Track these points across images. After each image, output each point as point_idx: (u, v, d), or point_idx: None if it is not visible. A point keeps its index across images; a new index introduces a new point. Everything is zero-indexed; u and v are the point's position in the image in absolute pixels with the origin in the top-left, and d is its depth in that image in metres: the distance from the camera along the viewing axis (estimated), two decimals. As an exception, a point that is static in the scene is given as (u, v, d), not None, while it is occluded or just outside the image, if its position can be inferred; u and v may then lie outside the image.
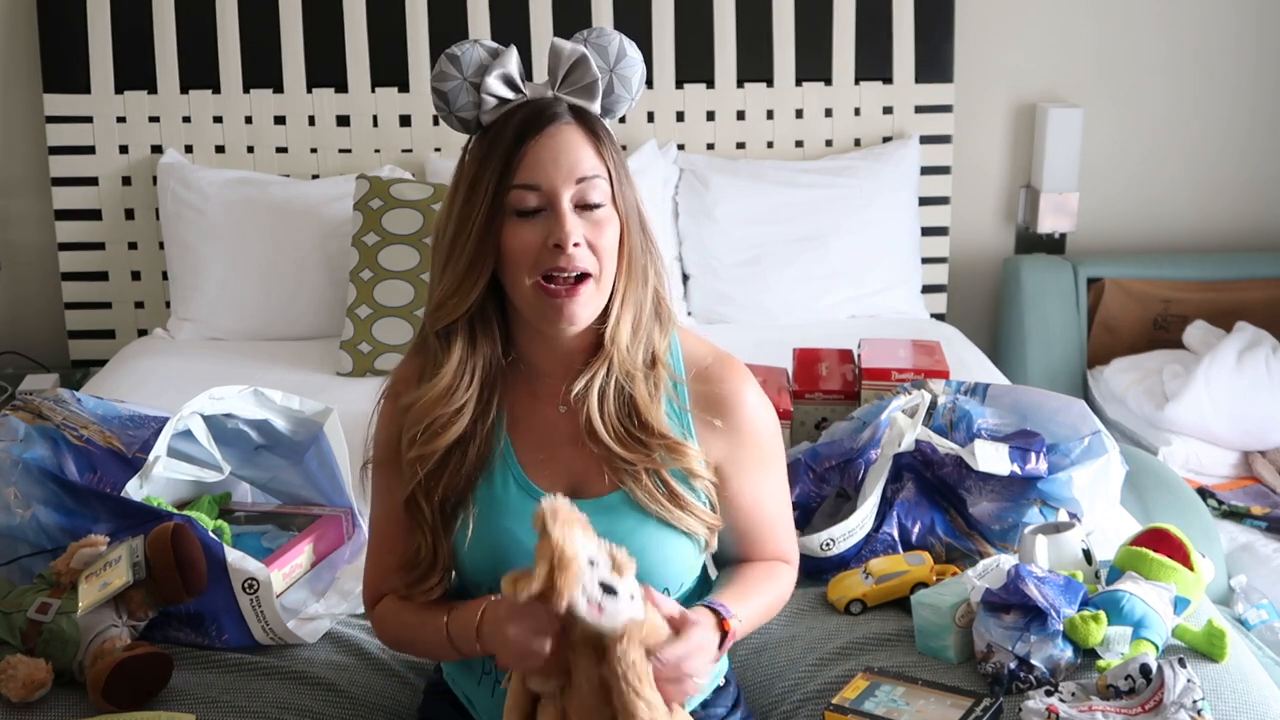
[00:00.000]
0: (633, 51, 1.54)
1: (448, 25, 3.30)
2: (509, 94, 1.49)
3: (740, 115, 3.41)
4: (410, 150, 3.37)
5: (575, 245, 1.45)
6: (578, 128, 1.49)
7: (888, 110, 3.42)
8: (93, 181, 3.35)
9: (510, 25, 3.28)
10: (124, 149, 3.34)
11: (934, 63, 3.40)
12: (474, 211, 1.47)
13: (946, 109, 3.43)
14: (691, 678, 1.39)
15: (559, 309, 1.47)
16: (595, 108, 1.51)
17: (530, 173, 1.46)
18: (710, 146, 3.42)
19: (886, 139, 3.43)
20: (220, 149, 3.35)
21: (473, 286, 1.49)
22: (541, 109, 1.48)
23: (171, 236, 3.25)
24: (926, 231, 3.45)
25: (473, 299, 1.49)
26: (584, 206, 1.47)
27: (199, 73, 3.31)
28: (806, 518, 2.00)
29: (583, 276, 1.47)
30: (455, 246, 1.49)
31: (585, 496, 1.51)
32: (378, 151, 3.37)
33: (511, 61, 1.50)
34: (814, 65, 3.39)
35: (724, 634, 1.47)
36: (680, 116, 3.40)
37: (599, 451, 1.51)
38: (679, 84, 3.39)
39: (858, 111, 3.42)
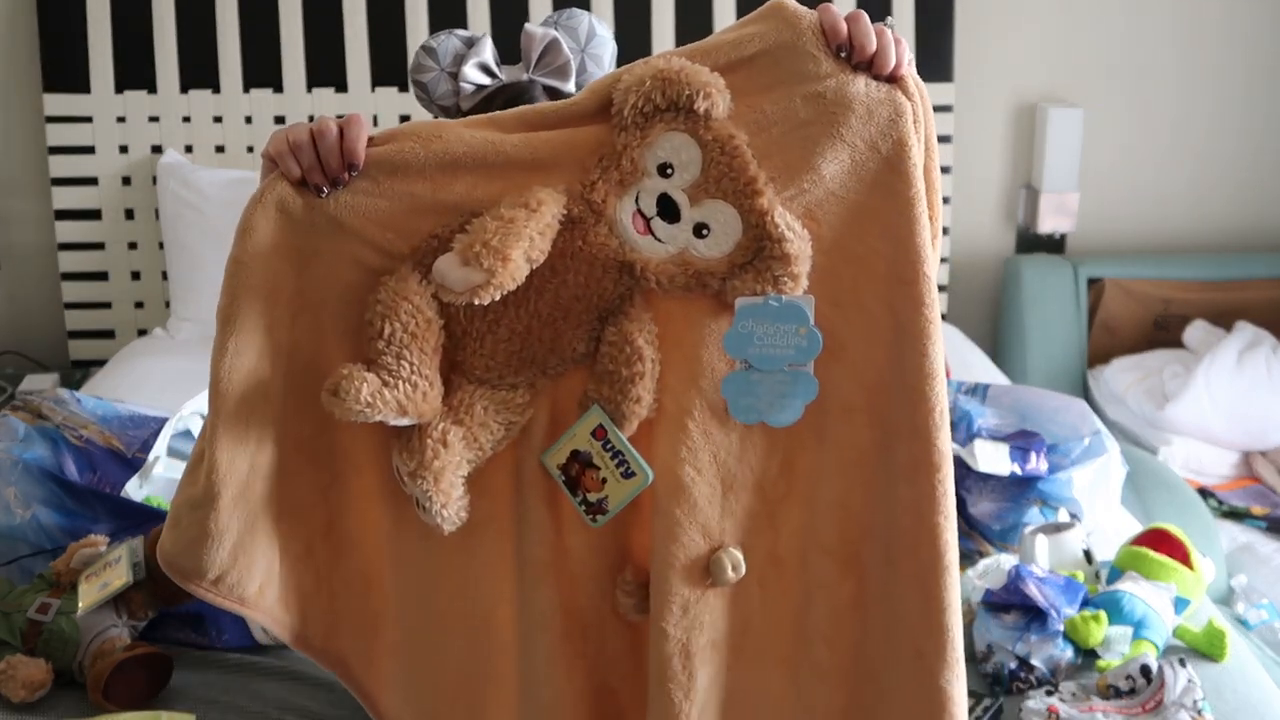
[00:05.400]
0: (602, 30, 1.58)
1: (448, 24, 3.30)
2: (486, 80, 1.53)
3: (740, 115, 3.41)
4: (410, 150, 3.37)
5: None
6: None
7: (888, 110, 3.42)
8: (93, 181, 3.35)
9: (510, 25, 3.27)
10: (124, 149, 3.33)
11: (934, 62, 3.39)
12: None
13: (946, 109, 3.42)
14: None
15: None
16: (570, 88, 1.55)
17: None
18: (710, 146, 3.42)
19: (886, 139, 3.43)
20: (220, 149, 3.35)
21: None
22: (518, 93, 1.52)
23: (171, 236, 3.24)
24: (927, 231, 3.44)
25: None
26: None
27: (199, 73, 3.31)
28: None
29: None
30: None
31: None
32: (378, 151, 3.36)
33: (486, 49, 1.53)
34: (814, 65, 3.39)
35: None
36: (680, 116, 3.40)
37: None
38: (679, 84, 3.38)
39: (858, 111, 3.42)
